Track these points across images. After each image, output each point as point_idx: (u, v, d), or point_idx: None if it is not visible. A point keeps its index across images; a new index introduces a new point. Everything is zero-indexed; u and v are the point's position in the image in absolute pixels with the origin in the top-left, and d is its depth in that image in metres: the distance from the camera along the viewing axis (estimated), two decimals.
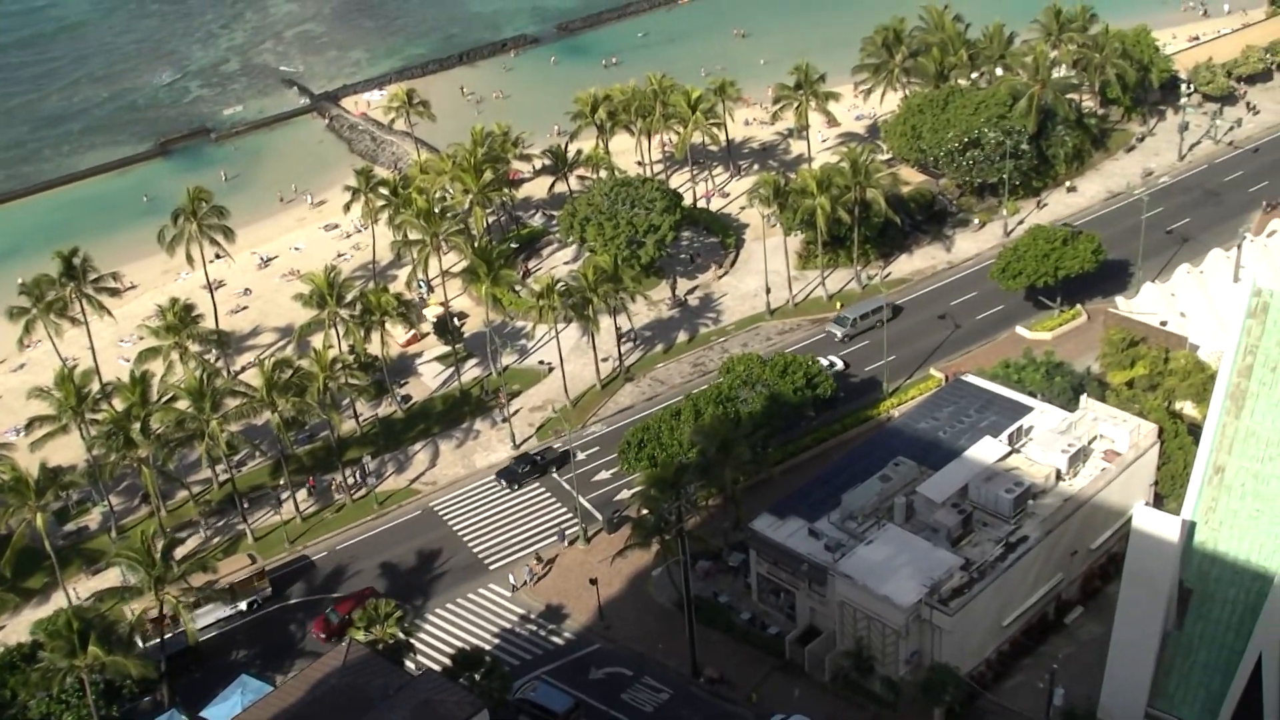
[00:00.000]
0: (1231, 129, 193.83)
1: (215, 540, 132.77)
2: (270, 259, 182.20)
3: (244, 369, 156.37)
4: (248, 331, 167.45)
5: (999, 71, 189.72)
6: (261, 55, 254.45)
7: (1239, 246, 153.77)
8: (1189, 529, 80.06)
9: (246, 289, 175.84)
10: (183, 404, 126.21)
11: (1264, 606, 75.28)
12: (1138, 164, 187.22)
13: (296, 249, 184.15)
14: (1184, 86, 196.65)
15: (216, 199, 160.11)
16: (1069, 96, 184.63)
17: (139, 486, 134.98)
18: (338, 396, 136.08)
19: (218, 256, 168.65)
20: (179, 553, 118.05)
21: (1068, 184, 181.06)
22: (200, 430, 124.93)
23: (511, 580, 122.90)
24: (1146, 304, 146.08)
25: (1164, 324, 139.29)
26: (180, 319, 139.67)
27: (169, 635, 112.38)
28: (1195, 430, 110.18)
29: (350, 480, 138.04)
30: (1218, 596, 78.97)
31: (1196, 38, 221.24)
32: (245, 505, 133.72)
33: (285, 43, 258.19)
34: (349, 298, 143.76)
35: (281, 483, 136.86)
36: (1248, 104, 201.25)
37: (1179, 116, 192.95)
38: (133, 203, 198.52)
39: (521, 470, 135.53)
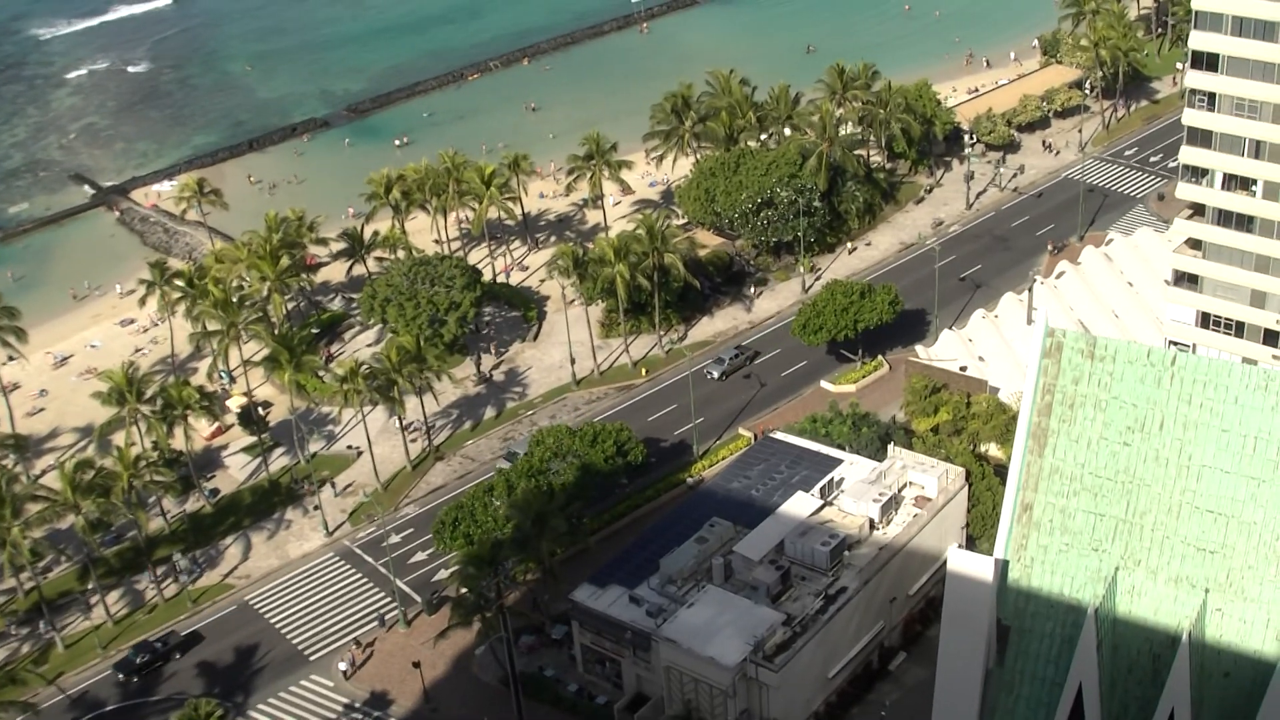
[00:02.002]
0: (1015, 176, 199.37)
1: (24, 650, 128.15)
2: (66, 358, 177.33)
3: (44, 472, 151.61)
4: (46, 433, 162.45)
5: (787, 131, 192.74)
6: (46, 151, 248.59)
7: (1030, 289, 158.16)
8: (1002, 567, 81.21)
9: (43, 390, 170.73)
10: None
11: (1079, 638, 76.59)
12: (928, 214, 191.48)
13: (93, 346, 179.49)
14: (967, 137, 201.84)
15: (6, 299, 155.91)
16: (857, 152, 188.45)
17: None
18: (143, 495, 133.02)
19: (10, 359, 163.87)
20: None
21: (850, 246, 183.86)
22: (0, 538, 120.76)
23: (341, 666, 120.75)
24: (946, 351, 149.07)
25: (964, 369, 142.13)
26: None
27: None
28: (1001, 471, 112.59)
29: (164, 577, 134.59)
30: (1035, 631, 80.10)
31: (976, 89, 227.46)
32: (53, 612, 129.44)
33: (70, 137, 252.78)
34: (149, 393, 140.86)
35: (90, 586, 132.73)
36: (1045, 143, 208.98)
37: (964, 166, 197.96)
38: None
39: (140, 660, 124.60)
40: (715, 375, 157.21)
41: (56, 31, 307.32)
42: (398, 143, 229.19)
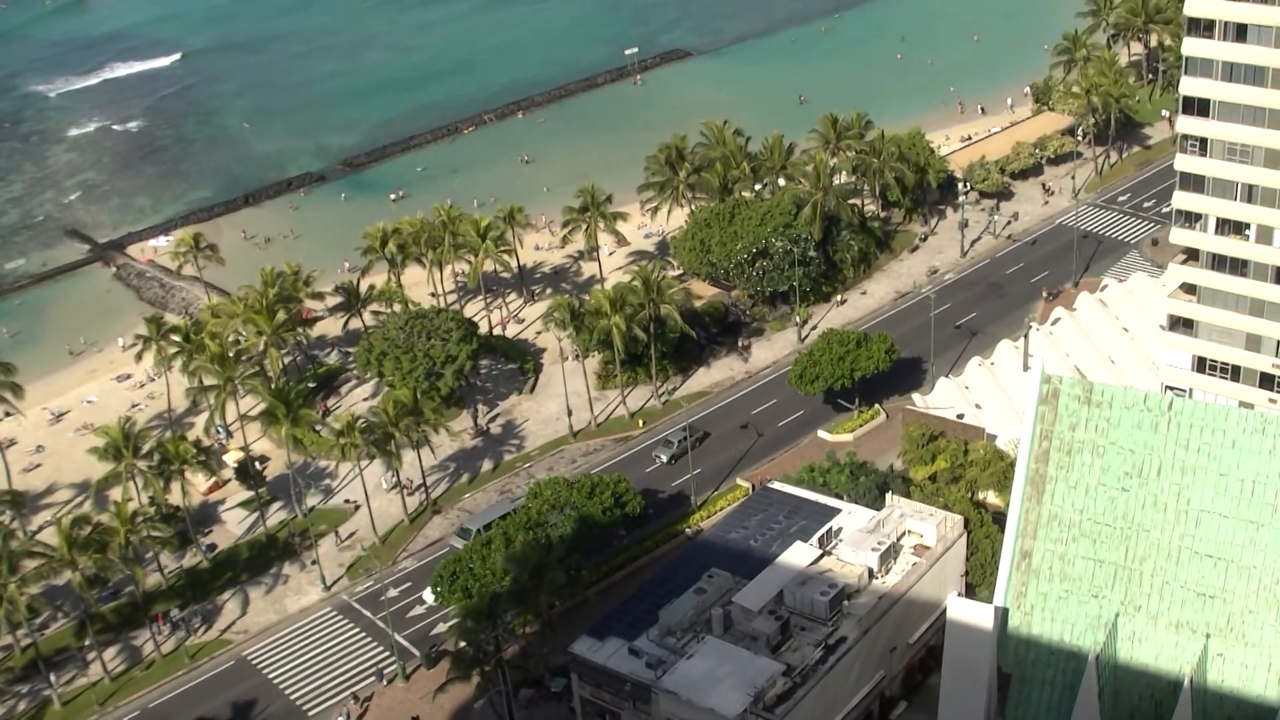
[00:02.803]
0: (1009, 223, 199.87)
1: (20, 708, 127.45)
2: (63, 414, 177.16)
3: (41, 528, 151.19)
4: (43, 489, 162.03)
5: (781, 181, 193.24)
6: (42, 207, 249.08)
7: (1026, 336, 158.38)
8: (1002, 615, 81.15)
9: (39, 446, 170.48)
10: None
11: (1080, 685, 76.43)
12: (922, 263, 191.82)
13: (89, 402, 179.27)
14: (961, 185, 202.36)
15: (2, 355, 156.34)
16: (851, 202, 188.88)
17: None
18: (140, 550, 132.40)
19: (6, 414, 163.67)
20: None
21: (839, 298, 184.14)
22: None
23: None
24: (942, 399, 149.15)
25: (961, 417, 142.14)
26: None
27: None
28: (1000, 518, 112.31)
29: (161, 633, 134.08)
30: (1035, 679, 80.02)
31: (969, 137, 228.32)
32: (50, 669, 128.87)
33: (66, 192, 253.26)
34: (146, 448, 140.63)
35: (87, 643, 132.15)
36: (1044, 186, 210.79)
37: (958, 214, 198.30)
38: None
39: None
40: (664, 459, 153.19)
41: (55, 89, 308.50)
42: (393, 197, 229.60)
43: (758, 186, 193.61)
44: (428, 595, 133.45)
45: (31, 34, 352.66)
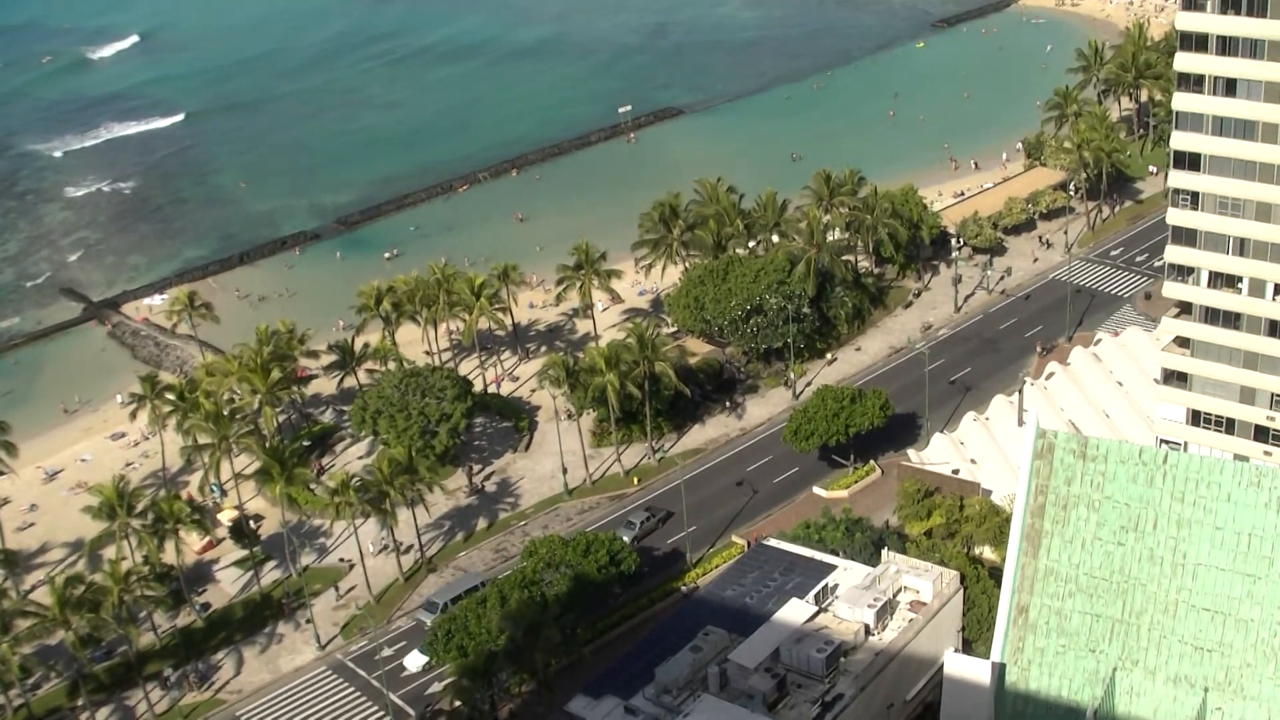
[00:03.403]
0: (1003, 278, 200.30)
1: None
2: (56, 472, 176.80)
3: (34, 587, 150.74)
4: (36, 548, 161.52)
5: (775, 238, 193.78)
6: (37, 265, 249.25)
7: (1020, 391, 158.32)
8: (999, 671, 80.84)
9: (33, 505, 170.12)
10: None
11: None
12: (916, 318, 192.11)
13: (84, 460, 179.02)
14: (954, 241, 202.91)
15: None
16: (845, 258, 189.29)
17: None
18: (134, 609, 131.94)
19: (0, 473, 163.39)
20: None
21: (830, 356, 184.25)
22: None
23: None
24: (937, 454, 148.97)
25: (956, 472, 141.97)
26: None
27: None
28: (996, 573, 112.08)
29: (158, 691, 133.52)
30: None
31: (961, 193, 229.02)
32: None
33: (61, 251, 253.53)
34: (140, 507, 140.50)
35: (80, 703, 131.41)
36: (1041, 238, 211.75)
37: (952, 270, 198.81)
38: None
39: None
40: (626, 540, 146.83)
41: (53, 149, 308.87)
42: (388, 255, 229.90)
43: (751, 243, 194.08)
44: (411, 661, 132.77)
45: (32, 94, 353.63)
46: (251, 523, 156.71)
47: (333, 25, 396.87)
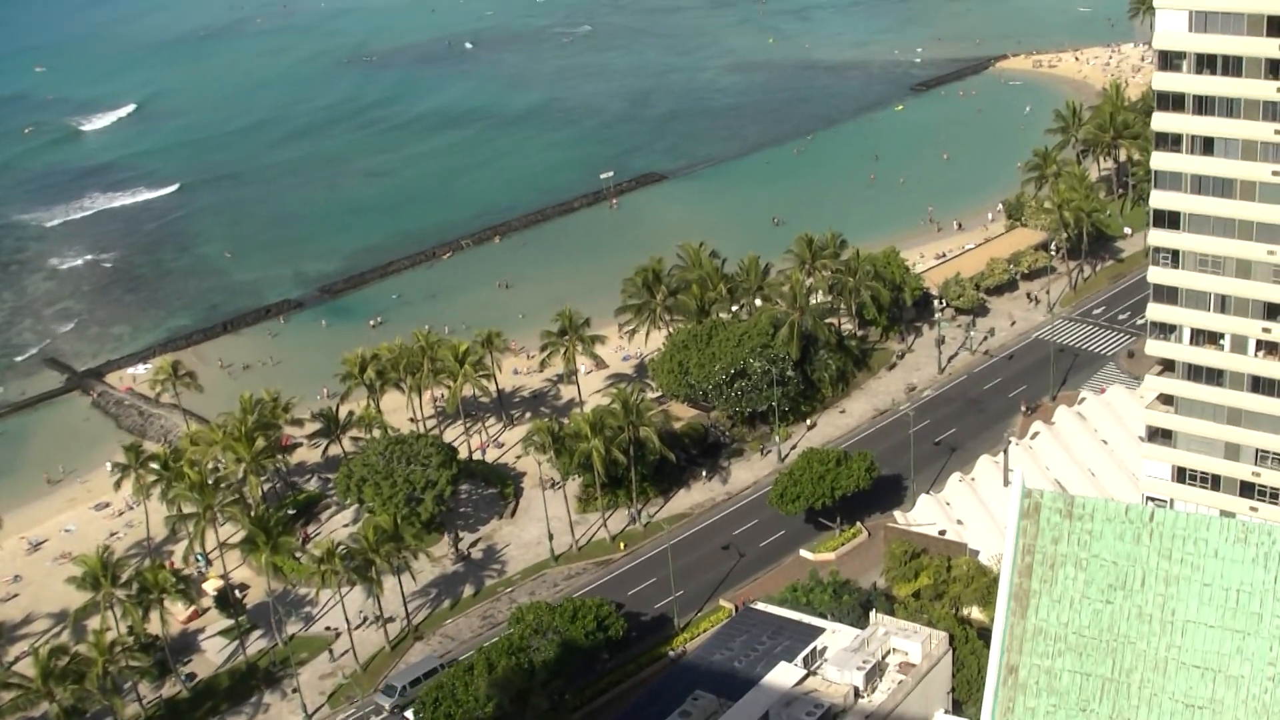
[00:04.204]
0: (986, 338, 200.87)
1: None
2: (40, 543, 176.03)
3: (17, 659, 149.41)
4: (19, 620, 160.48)
5: (758, 302, 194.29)
6: (20, 335, 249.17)
7: (1005, 451, 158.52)
8: None
9: (16, 576, 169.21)
10: None
11: None
12: (900, 380, 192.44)
13: (68, 530, 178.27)
14: (936, 302, 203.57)
15: None
16: (828, 321, 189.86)
17: None
18: (119, 680, 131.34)
19: None
20: None
21: (809, 421, 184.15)
22: None
23: None
24: (924, 515, 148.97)
25: (943, 533, 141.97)
26: None
27: None
28: (985, 634, 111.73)
29: None
30: None
31: (943, 254, 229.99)
32: None
33: (45, 321, 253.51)
34: (124, 577, 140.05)
35: None
36: (1029, 295, 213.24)
37: (935, 331, 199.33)
38: None
39: None
40: (386, 709, 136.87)
41: (39, 220, 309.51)
42: (372, 323, 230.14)
43: (735, 307, 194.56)
44: None
45: (23, 165, 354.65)
46: (237, 592, 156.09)
47: (327, 94, 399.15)
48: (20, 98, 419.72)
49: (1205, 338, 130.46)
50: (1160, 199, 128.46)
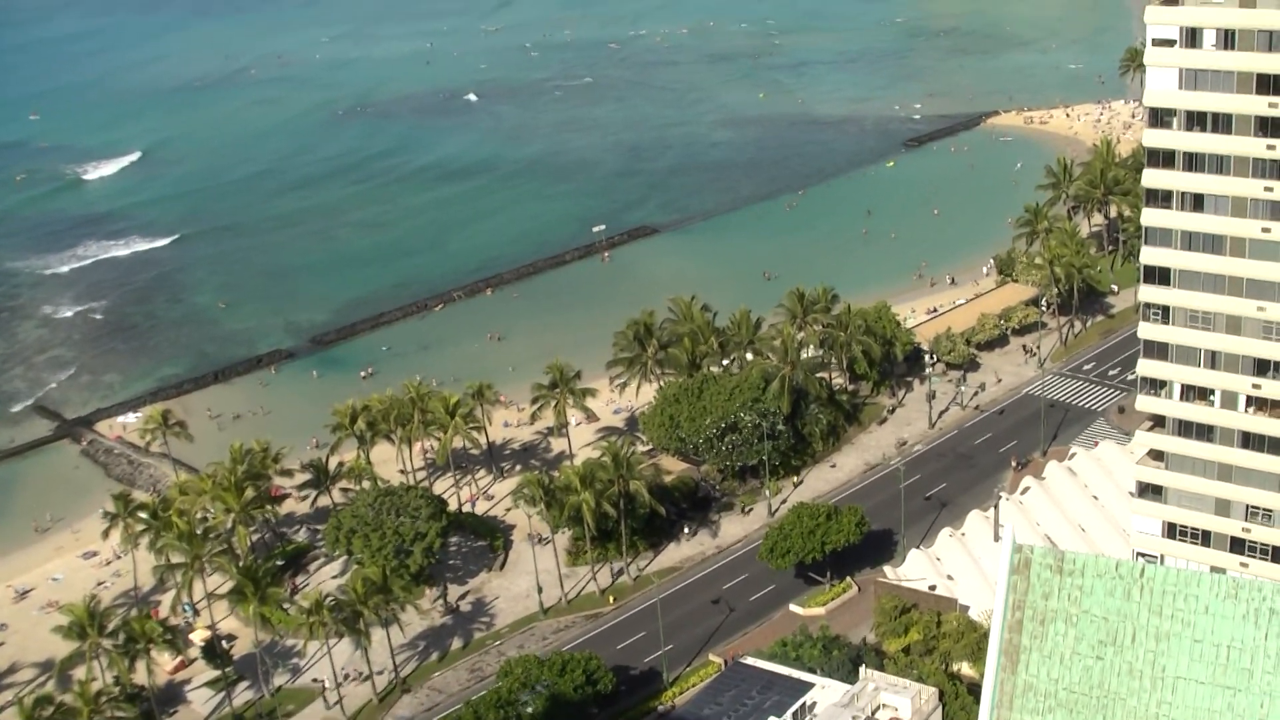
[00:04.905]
0: (976, 394, 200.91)
1: None
2: (27, 591, 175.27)
3: (3, 708, 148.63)
4: (5, 668, 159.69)
5: (749, 356, 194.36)
6: (10, 383, 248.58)
7: (996, 506, 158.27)
8: None
9: (2, 624, 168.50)
10: None
11: None
12: (891, 435, 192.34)
13: (55, 579, 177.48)
14: (927, 357, 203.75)
15: None
16: (819, 375, 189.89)
17: None
18: None
19: None
20: None
21: (795, 480, 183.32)
22: None
23: None
24: (914, 570, 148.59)
25: (933, 588, 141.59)
26: None
27: None
28: (975, 689, 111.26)
29: None
30: None
31: (934, 309, 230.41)
32: None
33: (36, 369, 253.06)
34: (111, 626, 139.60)
35: None
36: (1025, 347, 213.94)
37: (925, 386, 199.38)
38: None
39: None
40: None
41: (33, 268, 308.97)
42: (363, 374, 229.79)
43: (726, 361, 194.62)
44: None
45: (19, 213, 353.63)
46: (224, 642, 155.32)
47: (325, 146, 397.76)
48: (14, 145, 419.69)
49: (1196, 393, 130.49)
50: (1151, 255, 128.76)
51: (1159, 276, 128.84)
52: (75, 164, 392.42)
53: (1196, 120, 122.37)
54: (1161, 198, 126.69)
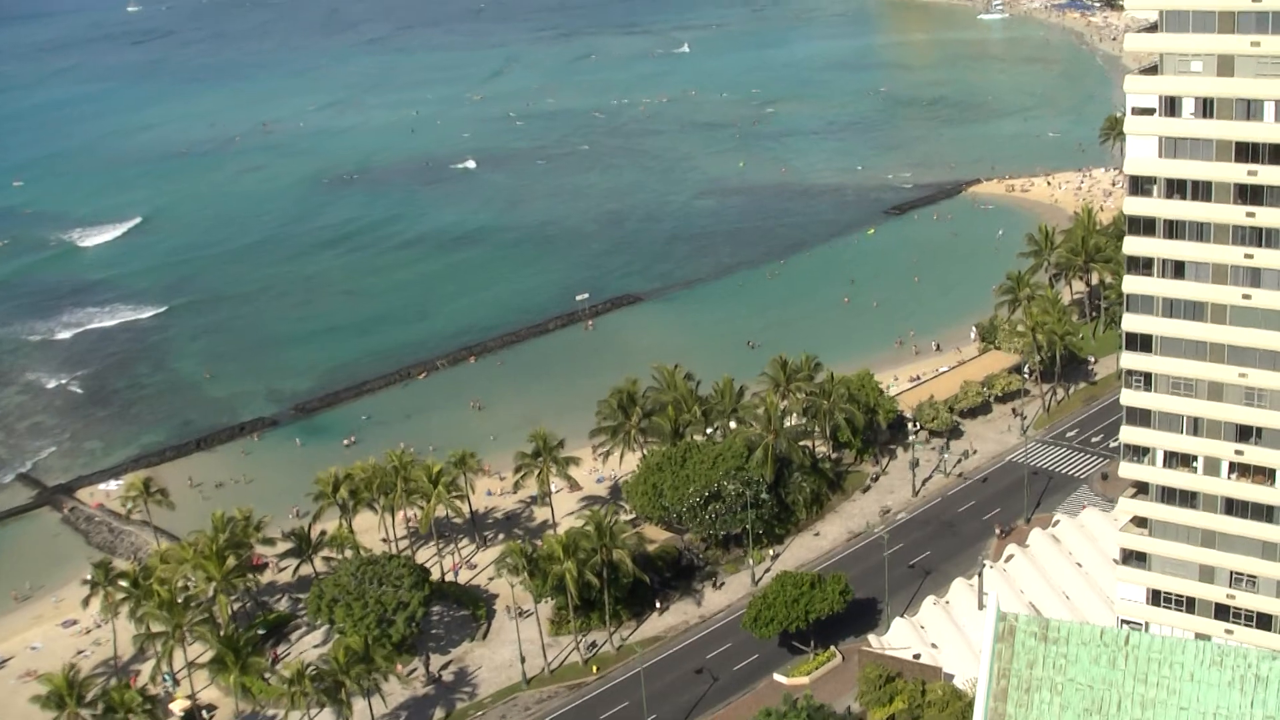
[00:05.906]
0: (960, 461, 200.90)
1: None
2: (6, 660, 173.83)
3: None
4: None
5: (733, 424, 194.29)
6: None
7: (980, 574, 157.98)
8: None
9: None
10: None
11: None
12: (875, 503, 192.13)
13: (34, 648, 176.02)
14: (910, 425, 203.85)
15: None
16: (802, 443, 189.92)
17: None
18: None
19: None
20: None
21: (772, 552, 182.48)
22: None
23: None
24: (898, 639, 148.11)
25: (917, 657, 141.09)
26: None
27: None
28: None
29: None
30: None
31: (917, 377, 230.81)
32: None
33: (17, 436, 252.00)
34: (90, 696, 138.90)
35: None
36: (1014, 410, 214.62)
37: (909, 454, 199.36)
38: None
39: None
40: None
41: (19, 335, 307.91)
42: (346, 442, 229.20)
43: (709, 430, 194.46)
44: None
45: (15, 281, 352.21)
46: (204, 712, 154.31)
47: (317, 217, 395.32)
48: (18, 211, 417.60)
49: (1178, 460, 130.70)
50: (1132, 322, 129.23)
51: (1141, 343, 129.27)
52: (60, 231, 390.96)
53: (1177, 188, 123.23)
54: (1143, 265, 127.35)
